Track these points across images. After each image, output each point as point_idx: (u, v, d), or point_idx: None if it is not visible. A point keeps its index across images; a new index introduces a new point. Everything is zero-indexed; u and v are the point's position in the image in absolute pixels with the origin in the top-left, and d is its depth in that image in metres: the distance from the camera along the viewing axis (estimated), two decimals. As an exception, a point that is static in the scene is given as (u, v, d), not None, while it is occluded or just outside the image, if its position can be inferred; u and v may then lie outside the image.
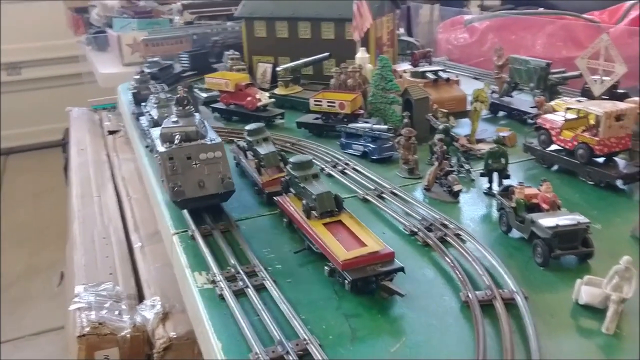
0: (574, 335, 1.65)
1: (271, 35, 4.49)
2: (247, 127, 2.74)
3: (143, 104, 3.35)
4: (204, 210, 2.39)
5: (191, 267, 2.06)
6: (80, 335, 2.60)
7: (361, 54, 3.86)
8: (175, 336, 2.59)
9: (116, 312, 2.79)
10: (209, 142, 2.28)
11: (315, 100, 3.34)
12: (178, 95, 2.43)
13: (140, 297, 2.98)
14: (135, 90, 3.71)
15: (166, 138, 2.28)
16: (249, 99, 3.64)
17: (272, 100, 3.72)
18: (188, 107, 2.39)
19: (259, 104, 3.61)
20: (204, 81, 4.11)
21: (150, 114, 3.04)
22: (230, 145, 3.00)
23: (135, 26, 5.91)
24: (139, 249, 3.38)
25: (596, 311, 1.70)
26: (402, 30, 5.44)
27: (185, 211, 2.41)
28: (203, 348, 1.84)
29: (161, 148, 2.26)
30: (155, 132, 2.44)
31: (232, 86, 3.70)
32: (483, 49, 5.06)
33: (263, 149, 2.60)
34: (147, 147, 3.32)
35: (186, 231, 2.30)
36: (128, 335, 2.65)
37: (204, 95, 4.13)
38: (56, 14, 8.47)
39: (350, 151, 3.05)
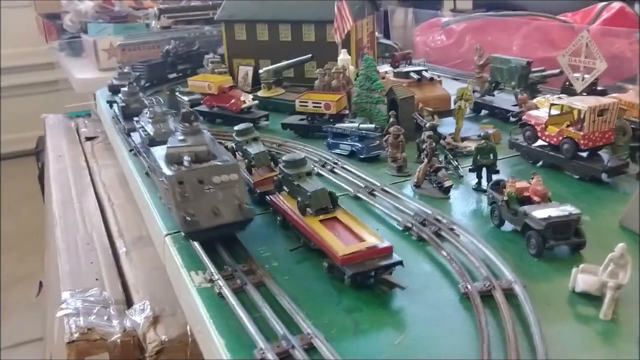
0: (573, 323, 1.68)
1: (251, 38, 4.49)
2: (236, 128, 2.72)
3: (135, 118, 3.03)
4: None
5: (187, 267, 2.04)
6: (70, 342, 2.56)
7: (343, 56, 3.88)
8: (167, 339, 2.57)
9: (105, 318, 2.74)
10: (223, 164, 2.04)
11: (300, 101, 3.35)
12: (184, 111, 2.23)
13: (129, 302, 2.94)
14: (123, 104, 3.40)
15: (173, 159, 2.05)
16: (232, 101, 3.64)
17: (256, 102, 3.71)
18: (195, 123, 2.19)
19: (243, 106, 3.61)
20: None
21: (145, 130, 2.81)
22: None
23: (111, 31, 5.86)
24: (124, 254, 3.34)
25: (592, 298, 1.74)
26: (377, 34, 5.49)
27: None
28: (204, 348, 1.83)
29: (168, 171, 2.00)
30: (159, 152, 2.19)
31: (215, 88, 3.69)
32: (461, 50, 5.15)
33: (253, 149, 2.59)
34: (130, 150, 3.29)
35: (178, 232, 2.28)
36: (118, 340, 2.61)
37: (186, 98, 4.10)
38: (28, 21, 8.33)
39: (337, 151, 3.06)
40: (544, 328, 1.59)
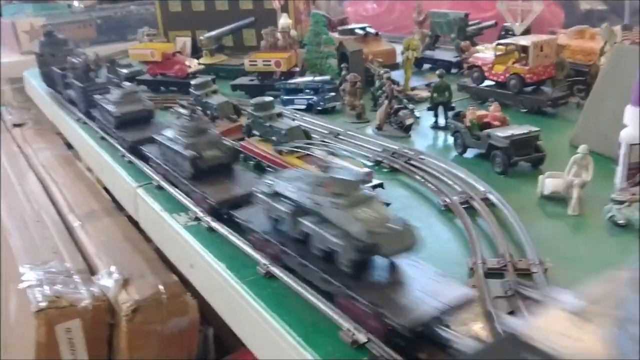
0: (547, 220, 1.84)
1: (187, 10, 4.44)
2: (193, 82, 2.71)
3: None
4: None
5: (168, 210, 2.03)
6: (38, 310, 2.46)
7: (284, 20, 3.91)
8: (141, 298, 2.53)
9: (71, 286, 2.66)
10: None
11: (250, 61, 3.36)
12: None
13: (92, 272, 2.87)
14: (193, 153, 1.99)
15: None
16: (177, 66, 3.58)
17: (202, 66, 3.68)
18: None
19: (190, 70, 3.56)
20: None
21: (287, 199, 1.51)
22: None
23: (30, 12, 5.58)
24: (79, 227, 3.23)
25: (558, 201, 1.89)
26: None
27: (140, 163, 2.35)
28: (201, 280, 1.83)
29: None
30: None
31: (158, 55, 3.62)
32: (392, 17, 5.30)
33: (214, 100, 2.59)
34: (78, 120, 3.19)
35: (150, 183, 2.26)
36: (90, 306, 2.54)
37: (125, 71, 3.99)
38: None
39: (292, 106, 3.09)
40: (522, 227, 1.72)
